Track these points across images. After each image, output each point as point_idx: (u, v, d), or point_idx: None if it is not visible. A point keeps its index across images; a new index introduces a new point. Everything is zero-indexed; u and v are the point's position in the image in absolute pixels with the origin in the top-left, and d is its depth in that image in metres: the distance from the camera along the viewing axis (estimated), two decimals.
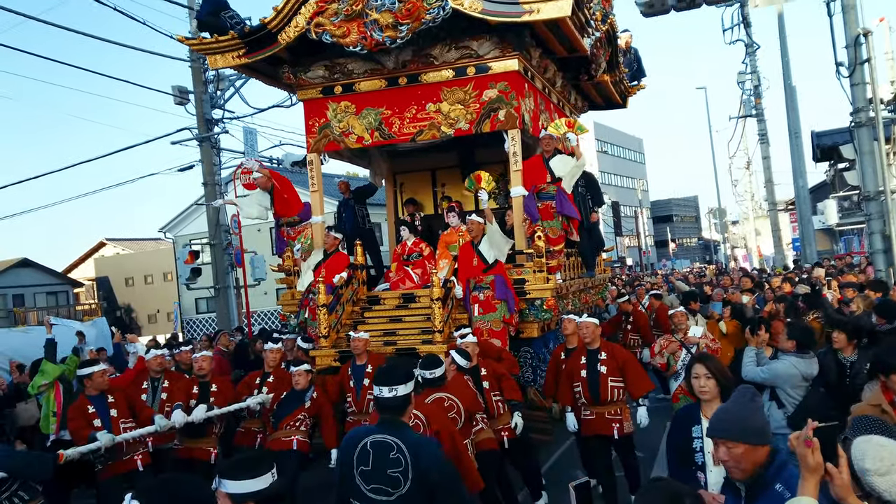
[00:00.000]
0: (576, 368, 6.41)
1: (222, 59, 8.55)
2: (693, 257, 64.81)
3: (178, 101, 15.80)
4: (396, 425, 3.49)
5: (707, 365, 3.97)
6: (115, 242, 47.81)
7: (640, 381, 6.26)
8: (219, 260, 16.30)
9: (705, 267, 33.57)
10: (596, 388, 6.23)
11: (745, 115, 27.50)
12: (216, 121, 15.87)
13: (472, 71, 8.43)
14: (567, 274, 9.23)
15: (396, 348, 7.56)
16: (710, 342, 7.34)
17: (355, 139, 8.85)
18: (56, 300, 40.00)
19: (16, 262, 38.94)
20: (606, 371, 6.23)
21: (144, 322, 40.87)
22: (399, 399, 3.54)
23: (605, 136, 63.35)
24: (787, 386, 5.75)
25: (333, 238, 8.52)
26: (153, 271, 40.89)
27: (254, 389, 7.29)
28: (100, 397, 6.19)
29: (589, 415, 6.36)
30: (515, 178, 8.43)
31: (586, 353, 6.39)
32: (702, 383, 3.93)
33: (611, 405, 6.25)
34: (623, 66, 11.41)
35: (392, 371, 3.66)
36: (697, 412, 3.98)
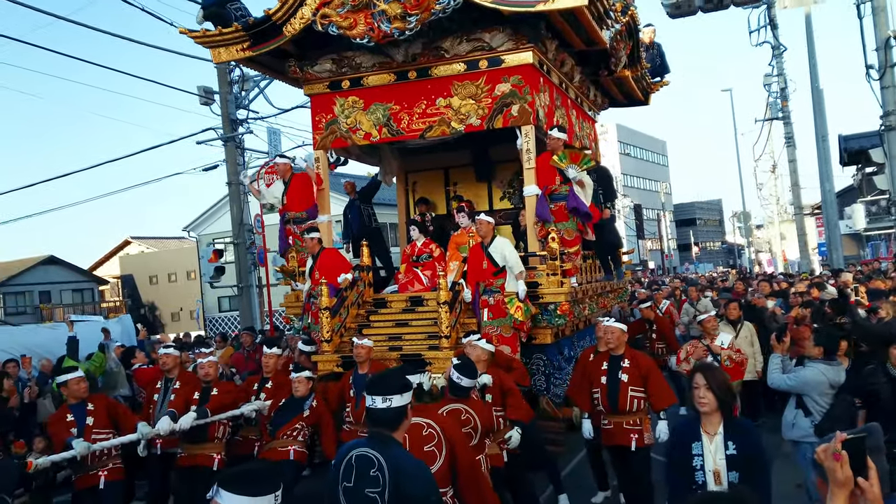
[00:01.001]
0: (596, 374, 6.09)
1: (226, 52, 8.24)
2: (716, 261, 63.98)
3: (203, 101, 16.08)
4: (383, 440, 3.16)
5: (707, 375, 3.70)
6: (140, 241, 48.21)
7: (663, 392, 5.89)
8: (242, 259, 16.41)
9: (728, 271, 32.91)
10: (615, 397, 5.91)
11: (772, 117, 27.09)
12: (240, 121, 16.09)
13: (485, 64, 8.06)
14: (584, 277, 8.82)
15: (401, 354, 7.20)
16: (735, 353, 6.93)
17: (363, 135, 8.51)
18: (82, 297, 40.33)
19: (43, 259, 39.19)
20: (628, 379, 5.89)
21: (168, 320, 41.10)
22: (393, 411, 3.20)
23: (628, 138, 62.85)
24: (814, 393, 5.55)
25: (311, 240, 8.14)
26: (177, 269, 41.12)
27: (251, 396, 6.99)
28: (79, 406, 5.93)
29: (607, 424, 6.04)
30: (529, 177, 8.03)
31: (609, 358, 6.04)
32: (701, 394, 3.67)
33: (630, 415, 5.90)
34: (645, 61, 10.97)
35: (386, 379, 3.33)
36: (697, 427, 3.72)
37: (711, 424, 3.70)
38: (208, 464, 6.41)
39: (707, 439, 3.69)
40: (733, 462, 3.59)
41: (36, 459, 5.41)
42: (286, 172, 8.74)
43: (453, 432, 4.03)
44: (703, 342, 7.20)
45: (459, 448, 3.95)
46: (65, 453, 5.53)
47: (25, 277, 37.79)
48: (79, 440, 5.60)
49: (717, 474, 3.62)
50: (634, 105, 12.46)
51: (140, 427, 6.03)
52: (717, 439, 3.67)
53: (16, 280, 37.42)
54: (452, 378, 4.79)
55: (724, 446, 3.63)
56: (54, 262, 39.57)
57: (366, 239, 9.81)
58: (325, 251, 8.14)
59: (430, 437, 3.92)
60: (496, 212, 10.53)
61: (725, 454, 3.62)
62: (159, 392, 6.74)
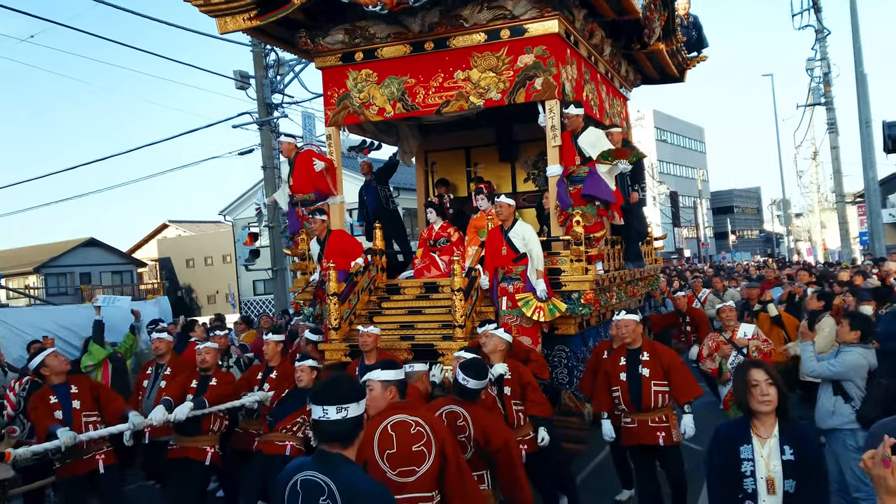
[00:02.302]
0: (614, 371, 5.57)
1: (232, 21, 7.76)
2: (754, 250, 62.55)
3: (239, 85, 16.26)
4: (333, 461, 2.64)
5: (767, 370, 3.27)
6: (177, 224, 48.65)
7: (687, 385, 5.38)
8: (276, 242, 16.43)
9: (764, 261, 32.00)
10: (637, 394, 5.40)
11: (814, 103, 26.59)
12: (276, 105, 16.14)
13: (507, 34, 7.49)
14: (611, 264, 8.24)
15: (413, 344, 6.73)
16: (763, 343, 6.36)
17: (376, 111, 8.01)
18: (121, 279, 40.89)
19: (83, 241, 39.74)
20: (649, 374, 5.38)
21: (204, 302, 41.42)
22: (348, 423, 2.68)
23: (665, 124, 61.65)
24: (857, 378, 5.43)
25: (320, 222, 7.65)
26: (213, 253, 41.40)
27: (254, 386, 6.57)
28: (63, 386, 5.53)
29: (630, 422, 5.53)
30: (553, 156, 7.46)
31: (626, 353, 5.52)
32: (763, 391, 3.22)
33: (655, 412, 5.40)
34: (681, 34, 10.30)
35: (339, 385, 2.78)
36: (747, 429, 3.29)
37: (765, 426, 3.27)
38: (200, 458, 6.00)
39: (759, 443, 3.26)
40: (790, 469, 3.18)
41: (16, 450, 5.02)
42: (290, 152, 8.26)
43: (443, 431, 3.62)
44: (724, 335, 6.61)
45: (450, 448, 3.55)
46: (48, 444, 5.15)
47: (66, 259, 38.41)
48: (64, 429, 5.21)
49: (770, 482, 3.20)
50: (669, 82, 11.77)
51: (131, 416, 5.64)
52: (771, 443, 3.25)
53: (57, 262, 38.03)
54: (458, 379, 4.25)
55: (781, 451, 3.21)
56: (94, 245, 40.14)
57: (382, 221, 9.37)
58: (333, 233, 7.67)
59: (418, 435, 3.52)
60: (520, 194, 9.98)
61: (781, 460, 3.20)
62: (149, 378, 6.36)
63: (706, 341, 6.82)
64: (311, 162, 7.96)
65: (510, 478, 4.07)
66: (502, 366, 5.59)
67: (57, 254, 38.20)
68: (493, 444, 4.05)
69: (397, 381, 3.71)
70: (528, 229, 7.00)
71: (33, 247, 41.36)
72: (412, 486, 3.52)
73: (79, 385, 5.64)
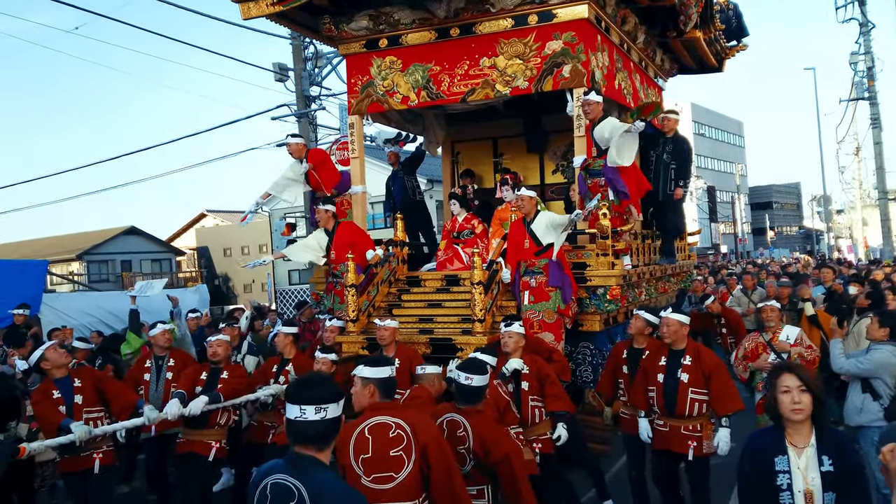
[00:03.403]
0: (652, 370, 5.31)
1: (255, 6, 7.63)
2: (793, 246, 61.23)
3: (278, 77, 16.41)
4: (304, 463, 2.48)
5: (800, 375, 3.00)
6: (215, 214, 49.15)
7: (728, 397, 5.05)
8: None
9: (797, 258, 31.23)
10: (672, 398, 5.14)
11: (857, 97, 26.19)
12: (313, 97, 16.22)
13: (535, 19, 7.25)
14: (640, 259, 7.96)
15: (431, 337, 6.54)
16: (806, 350, 6.00)
17: (400, 99, 7.82)
18: (160, 267, 41.29)
19: (124, 229, 40.21)
20: (688, 379, 5.10)
21: (240, 291, 41.81)
22: (325, 424, 2.51)
23: (703, 117, 60.61)
24: (886, 376, 5.47)
25: (325, 212, 7.45)
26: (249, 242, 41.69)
27: (269, 379, 6.46)
28: (65, 380, 5.41)
29: (662, 426, 5.28)
30: (580, 146, 7.21)
31: (668, 353, 5.24)
32: (795, 398, 2.97)
33: (689, 420, 5.12)
34: (719, 21, 9.91)
35: (317, 384, 2.60)
36: (781, 439, 3.04)
37: (801, 435, 3.02)
38: (205, 452, 5.89)
39: (794, 453, 3.02)
40: (830, 481, 2.94)
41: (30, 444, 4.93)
42: (300, 152, 8.07)
43: (427, 434, 3.35)
44: (764, 336, 6.25)
45: (434, 452, 3.30)
46: (62, 438, 5.03)
47: (108, 247, 38.90)
48: (78, 423, 5.10)
49: (809, 496, 2.96)
50: (707, 72, 11.37)
51: (147, 411, 5.50)
52: (808, 453, 3.00)
53: (99, 249, 38.54)
54: (460, 381, 3.98)
55: (819, 461, 2.97)
56: (135, 233, 40.57)
57: (409, 212, 9.20)
58: (341, 225, 7.48)
59: (397, 439, 3.28)
60: (548, 186, 9.73)
61: (820, 471, 2.95)
62: (150, 371, 6.25)
63: (743, 342, 6.49)
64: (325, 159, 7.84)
65: (512, 494, 3.80)
66: (517, 361, 5.39)
67: (99, 241, 38.77)
68: (493, 455, 3.80)
69: (377, 380, 3.45)
70: (548, 214, 6.75)
71: (76, 234, 42.13)
72: (390, 494, 3.30)
73: (82, 379, 5.51)
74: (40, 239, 42.76)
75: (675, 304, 7.40)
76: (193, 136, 52.05)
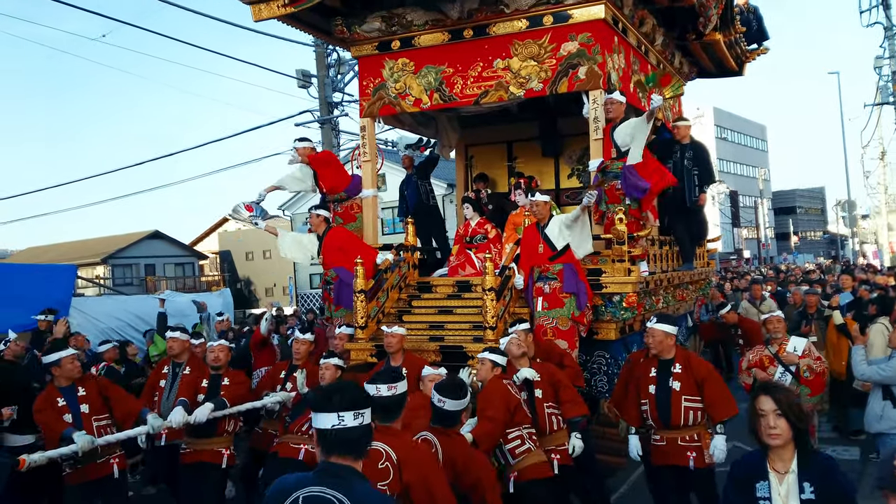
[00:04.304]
0: (644, 382, 5.16)
1: (266, 8, 7.54)
2: (817, 251, 60.40)
3: (301, 84, 16.47)
4: (344, 473, 2.35)
5: (777, 398, 2.85)
6: None
7: (722, 402, 4.90)
8: None
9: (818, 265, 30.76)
10: (666, 409, 4.98)
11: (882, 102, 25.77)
12: (336, 104, 16.34)
13: (550, 20, 7.10)
14: (658, 265, 7.77)
15: (441, 345, 6.40)
16: (815, 362, 5.79)
17: (412, 101, 7.70)
18: (183, 271, 41.80)
19: (148, 233, 40.66)
20: (680, 388, 4.94)
21: (262, 295, 42.07)
22: (364, 429, 2.41)
23: (725, 121, 60.01)
24: None
25: (316, 217, 7.36)
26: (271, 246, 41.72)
27: (276, 385, 6.35)
28: (70, 388, 5.32)
29: (659, 440, 5.11)
30: (595, 149, 7.04)
31: (657, 363, 5.08)
32: (770, 423, 2.84)
33: (685, 430, 4.95)
34: (740, 24, 9.70)
35: (350, 390, 2.49)
36: (763, 464, 2.96)
37: (782, 460, 2.88)
38: (216, 460, 5.78)
39: (776, 479, 2.89)
40: None
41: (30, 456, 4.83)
42: (308, 156, 7.97)
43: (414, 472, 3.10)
44: (770, 349, 6.05)
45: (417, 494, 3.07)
46: (64, 448, 4.94)
47: (132, 251, 39.34)
48: (80, 433, 5.02)
49: None
50: (727, 75, 11.13)
51: (150, 419, 5.43)
52: (789, 479, 2.87)
53: (123, 253, 38.98)
54: (433, 401, 3.80)
55: (799, 488, 2.82)
56: (158, 237, 41.00)
57: (422, 216, 9.08)
58: (331, 231, 7.35)
59: (384, 472, 3.05)
60: (563, 190, 9.56)
61: (800, 499, 2.81)
62: (166, 378, 6.16)
63: (748, 354, 6.31)
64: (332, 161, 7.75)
65: None
66: (528, 370, 5.25)
67: (123, 245, 39.20)
68: (462, 480, 3.60)
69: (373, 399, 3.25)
70: (561, 217, 6.59)
71: (101, 238, 42.52)
72: None
73: (86, 387, 5.41)
74: (67, 243, 43.35)
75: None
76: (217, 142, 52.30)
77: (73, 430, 5.01)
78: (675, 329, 5.16)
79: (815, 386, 5.76)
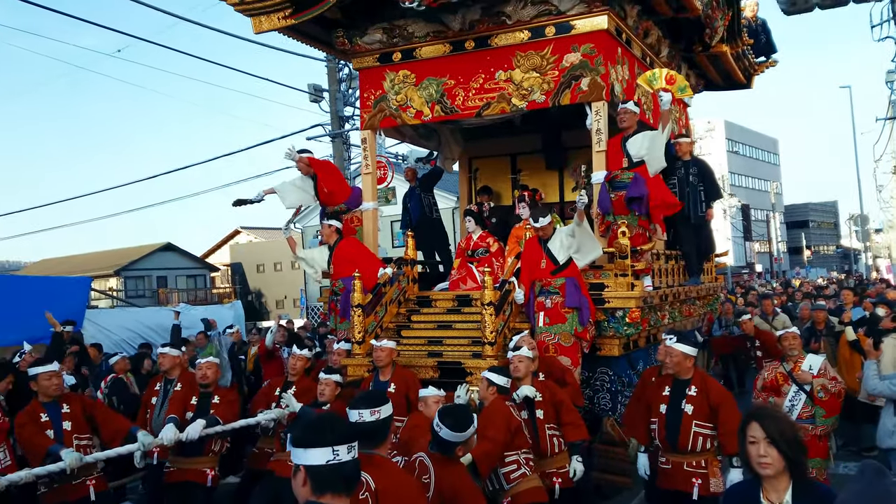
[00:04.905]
0: (655, 401, 4.99)
1: (267, 20, 7.49)
2: (830, 266, 59.88)
3: (313, 98, 16.69)
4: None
5: (766, 424, 2.67)
6: (249, 231, 49.61)
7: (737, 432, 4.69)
8: None
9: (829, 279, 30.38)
10: (675, 431, 4.80)
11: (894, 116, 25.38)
12: (347, 117, 16.47)
13: (552, 31, 7.01)
14: (663, 280, 7.62)
15: (439, 361, 6.27)
16: (830, 382, 5.59)
17: (413, 114, 7.61)
18: (195, 283, 42.11)
19: (160, 246, 40.97)
20: (692, 411, 4.76)
21: (272, 307, 42.09)
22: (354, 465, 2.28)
23: (737, 135, 59.80)
24: None
25: (328, 227, 7.27)
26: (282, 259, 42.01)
27: (271, 402, 6.23)
28: (53, 404, 5.18)
29: (665, 463, 4.94)
30: (598, 162, 6.92)
31: (671, 382, 4.92)
32: (761, 451, 2.67)
33: (692, 455, 4.77)
34: (747, 36, 9.58)
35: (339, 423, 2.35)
36: (756, 493, 2.78)
37: (776, 490, 2.72)
38: (201, 480, 5.65)
39: None
40: None
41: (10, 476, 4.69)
42: (307, 170, 7.87)
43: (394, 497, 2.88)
44: (785, 367, 5.84)
45: None
46: (51, 466, 4.81)
47: (144, 263, 39.63)
48: (69, 450, 4.88)
49: None
50: (735, 88, 10.99)
51: (141, 436, 5.30)
52: None
53: (136, 265, 39.28)
54: (433, 424, 3.64)
55: None
56: (171, 249, 41.28)
57: (425, 229, 8.99)
58: (343, 241, 7.26)
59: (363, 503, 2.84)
60: (567, 203, 9.42)
61: None
62: (158, 395, 6.05)
63: (763, 372, 6.10)
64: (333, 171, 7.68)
65: None
66: (529, 388, 5.11)
67: (135, 258, 39.49)
68: None
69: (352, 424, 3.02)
70: (563, 230, 6.46)
71: (114, 250, 42.78)
72: None
73: (71, 405, 5.27)
74: (80, 255, 43.61)
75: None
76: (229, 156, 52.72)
77: (61, 447, 4.88)
78: (695, 351, 4.98)
79: (829, 407, 5.54)
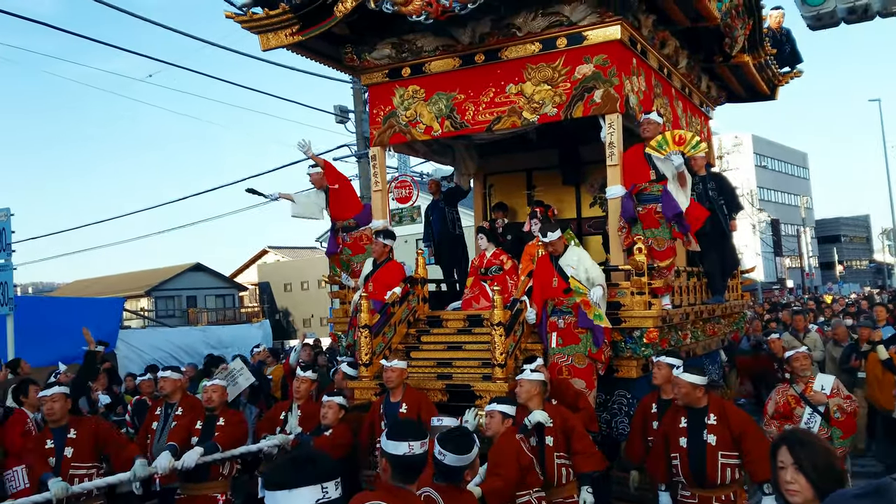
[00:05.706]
0: (673, 433, 4.69)
1: (274, 37, 7.40)
2: (863, 281, 58.53)
3: (339, 119, 16.83)
4: None
5: (795, 449, 2.43)
6: (276, 250, 50.13)
7: (766, 458, 4.39)
8: None
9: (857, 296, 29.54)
10: (701, 465, 4.51)
11: None
12: None
13: (564, 43, 6.80)
14: (684, 298, 7.33)
15: (448, 383, 6.04)
16: (845, 401, 5.28)
17: (423, 129, 7.43)
18: (224, 302, 42.56)
19: (190, 266, 41.55)
20: (716, 442, 4.47)
21: (300, 325, 42.24)
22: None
23: (765, 149, 59.15)
24: None
25: (382, 245, 7.10)
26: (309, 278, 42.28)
27: (276, 427, 6.05)
28: (61, 430, 5.06)
29: (689, 497, 4.62)
30: (613, 176, 6.68)
31: (686, 413, 4.63)
32: (788, 477, 2.43)
33: (721, 489, 4.47)
34: (770, 45, 9.29)
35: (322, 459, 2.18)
36: None
37: None
38: None
39: None
40: None
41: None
42: (321, 182, 7.77)
43: None
44: (796, 388, 5.54)
45: None
46: (36, 497, 4.68)
47: (174, 283, 40.23)
48: (55, 480, 4.77)
49: None
50: (758, 99, 10.68)
51: (136, 465, 5.14)
52: None
53: (166, 285, 39.86)
54: (435, 453, 3.39)
55: None
56: (200, 269, 41.81)
57: (447, 245, 8.81)
58: (391, 263, 7.10)
59: None
60: (585, 220, 9.19)
61: None
62: (158, 420, 5.89)
63: (773, 395, 5.79)
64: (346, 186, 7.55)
65: None
66: (540, 413, 4.87)
67: (166, 278, 40.08)
68: None
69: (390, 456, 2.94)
70: (577, 252, 6.23)
71: (145, 271, 43.53)
72: None
73: (80, 430, 5.15)
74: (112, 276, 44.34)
75: None
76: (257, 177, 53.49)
77: (51, 476, 4.75)
78: (704, 380, 4.71)
79: (846, 427, 5.26)
